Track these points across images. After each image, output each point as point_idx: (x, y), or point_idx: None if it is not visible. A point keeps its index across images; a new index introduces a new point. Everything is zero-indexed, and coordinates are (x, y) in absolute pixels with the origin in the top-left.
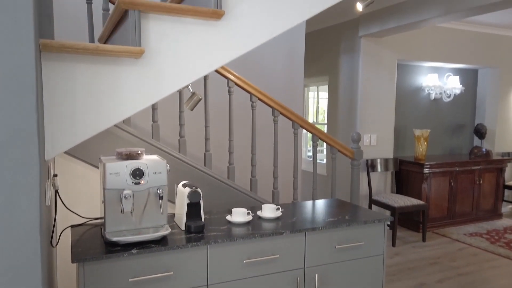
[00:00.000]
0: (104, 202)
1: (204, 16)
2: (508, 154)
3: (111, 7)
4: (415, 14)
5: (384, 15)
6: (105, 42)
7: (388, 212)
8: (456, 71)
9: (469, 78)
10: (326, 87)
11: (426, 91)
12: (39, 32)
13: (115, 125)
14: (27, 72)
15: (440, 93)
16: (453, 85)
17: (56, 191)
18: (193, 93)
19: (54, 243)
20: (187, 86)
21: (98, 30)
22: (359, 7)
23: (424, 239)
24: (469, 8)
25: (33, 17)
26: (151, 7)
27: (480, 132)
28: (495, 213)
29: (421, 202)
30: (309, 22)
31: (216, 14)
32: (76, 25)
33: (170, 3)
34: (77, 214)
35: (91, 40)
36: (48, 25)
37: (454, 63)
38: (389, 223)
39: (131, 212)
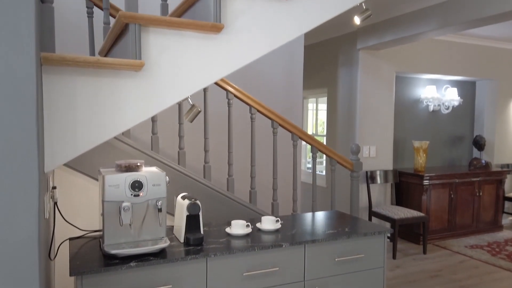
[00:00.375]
0: (103, 214)
1: (204, 29)
2: (508, 165)
3: (112, 20)
4: (412, 27)
5: (381, 28)
6: (105, 55)
7: (388, 224)
8: (454, 83)
9: (467, 90)
10: (325, 99)
11: (424, 103)
12: (40, 45)
13: (115, 137)
14: (27, 85)
15: (439, 105)
16: (451, 97)
17: (55, 203)
18: (193, 105)
19: (52, 256)
20: (186, 98)
21: (99, 43)
22: (357, 20)
23: (424, 252)
24: (465, 21)
25: (34, 31)
26: (151, 21)
27: (479, 143)
28: (496, 225)
29: (421, 214)
30: (307, 35)
31: (216, 27)
32: (77, 38)
33: (170, 17)
34: (75, 226)
35: (92, 53)
36: (49, 38)
37: (452, 75)
38: (389, 235)
39: (130, 225)
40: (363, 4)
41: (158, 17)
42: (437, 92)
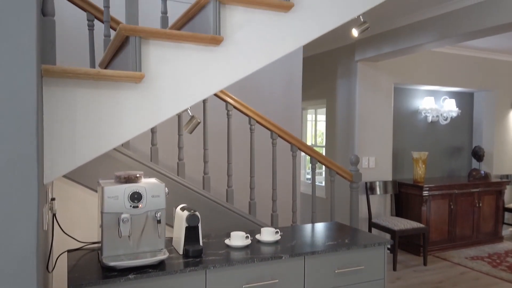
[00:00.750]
0: (101, 226)
1: (204, 42)
2: (507, 176)
3: (112, 33)
4: (410, 39)
5: (379, 40)
6: (106, 67)
7: (388, 236)
8: (452, 94)
9: (465, 101)
10: (324, 110)
11: (423, 114)
12: (41, 58)
13: (114, 148)
14: (28, 97)
15: (437, 116)
16: (450, 108)
17: (54, 215)
18: (192, 117)
19: (50, 268)
20: (186, 110)
21: (99, 55)
22: (355, 32)
23: (425, 263)
24: (462, 33)
25: (36, 43)
26: (151, 34)
27: (478, 154)
28: (496, 236)
29: (421, 225)
30: (306, 47)
31: (215, 40)
32: (77, 50)
33: (170, 30)
34: (74, 238)
35: (92, 65)
36: (50, 51)
37: (450, 86)
38: (389, 246)
39: (129, 236)
40: (360, 17)
41: (158, 29)
42: (435, 103)
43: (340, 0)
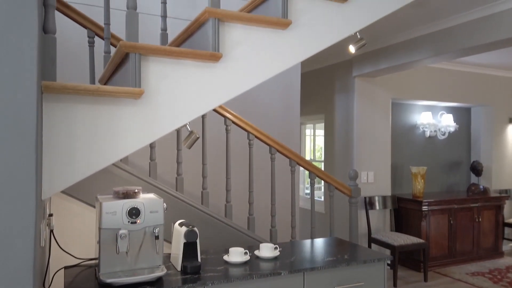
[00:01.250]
0: (99, 242)
1: (203, 58)
2: (506, 191)
3: (113, 49)
4: (406, 55)
5: (376, 56)
6: (105, 83)
7: (388, 251)
8: (450, 109)
9: (463, 116)
10: (323, 124)
11: (421, 128)
12: (42, 74)
13: (113, 163)
14: (28, 113)
15: (435, 131)
16: (447, 123)
17: (51, 231)
18: (191, 132)
19: (46, 285)
20: (185, 125)
21: (99, 71)
22: (352, 49)
23: (425, 279)
24: (457, 50)
25: (37, 60)
26: (151, 50)
27: (476, 169)
28: (497, 252)
29: (421, 241)
30: (304, 63)
31: (214, 56)
32: (77, 66)
33: (170, 47)
34: (71, 255)
35: (92, 81)
36: (50, 67)
37: (447, 101)
38: (389, 262)
39: (127, 253)
40: (357, 33)
41: (158, 46)
42: (433, 118)
43: (336, 18)
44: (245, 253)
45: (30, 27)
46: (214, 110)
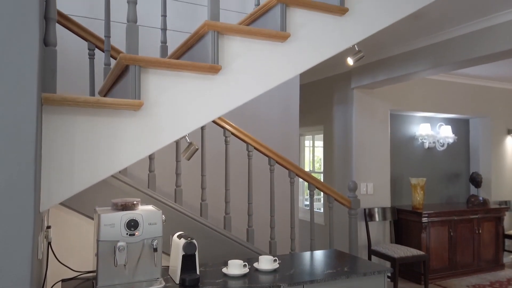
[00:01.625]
0: (97, 254)
1: (202, 70)
2: (506, 202)
3: (113, 62)
4: (404, 67)
5: (374, 68)
6: (105, 95)
7: (388, 263)
8: (448, 121)
9: (461, 127)
10: (322, 136)
11: (419, 140)
12: (42, 86)
13: (111, 175)
14: (28, 125)
15: (434, 142)
16: (446, 134)
17: (49, 243)
18: (190, 143)
19: None
20: (184, 137)
21: (99, 83)
22: (350, 61)
23: None
24: (455, 62)
25: (37, 73)
26: (151, 63)
27: (475, 180)
28: (497, 264)
29: (421, 253)
30: (303, 75)
31: (214, 69)
32: (77, 78)
33: (169, 59)
34: (69, 267)
35: (92, 93)
36: (51, 79)
37: (445, 113)
38: (389, 274)
39: (125, 265)
40: (355, 46)
41: (158, 59)
42: (432, 129)
43: (334, 31)
44: (244, 265)
45: (31, 40)
46: (214, 121)
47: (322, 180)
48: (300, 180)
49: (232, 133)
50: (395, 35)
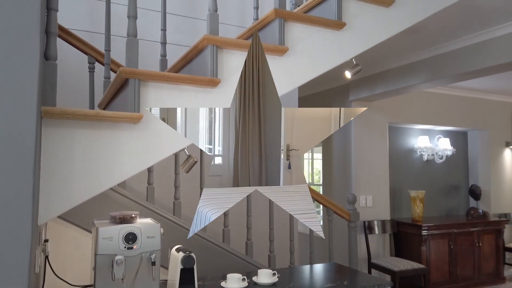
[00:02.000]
0: (95, 268)
1: (201, 84)
2: (505, 215)
3: (112, 75)
4: (402, 80)
5: (372, 81)
6: (104, 108)
7: (388, 277)
8: (446, 133)
9: (459, 140)
10: (321, 148)
11: (418, 152)
12: (42, 99)
13: (110, 188)
14: (27, 138)
15: (432, 155)
16: (444, 146)
17: (46, 257)
18: (189, 156)
19: None
20: (183, 149)
21: (99, 96)
22: (348, 75)
23: None
24: (452, 75)
25: (37, 86)
26: (151, 76)
27: (475, 193)
28: (498, 277)
29: (422, 266)
30: (302, 87)
31: (213, 82)
32: (77, 91)
33: (169, 73)
34: (66, 281)
35: (91, 106)
36: (51, 93)
37: (443, 125)
38: None
39: (122, 279)
40: (353, 59)
41: (157, 72)
42: (430, 142)
43: (332, 45)
44: (243, 279)
45: (31, 54)
46: None
47: (321, 192)
48: None
49: None
50: (392, 49)
